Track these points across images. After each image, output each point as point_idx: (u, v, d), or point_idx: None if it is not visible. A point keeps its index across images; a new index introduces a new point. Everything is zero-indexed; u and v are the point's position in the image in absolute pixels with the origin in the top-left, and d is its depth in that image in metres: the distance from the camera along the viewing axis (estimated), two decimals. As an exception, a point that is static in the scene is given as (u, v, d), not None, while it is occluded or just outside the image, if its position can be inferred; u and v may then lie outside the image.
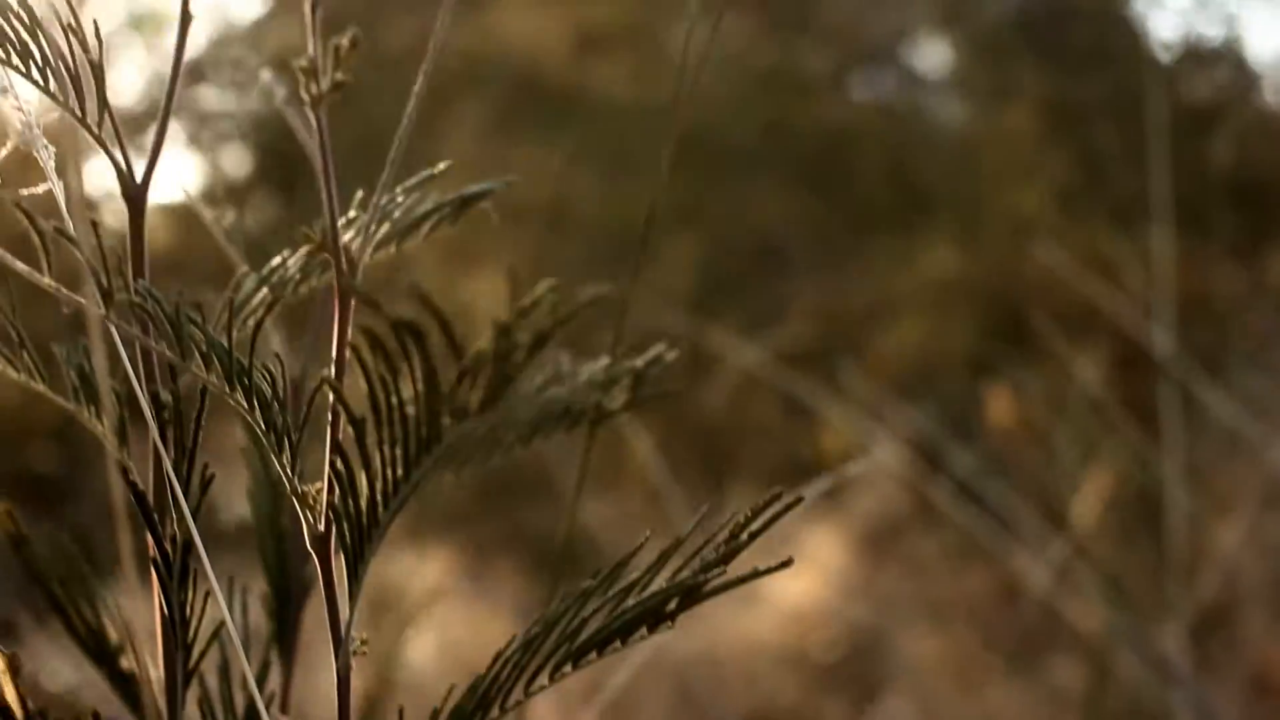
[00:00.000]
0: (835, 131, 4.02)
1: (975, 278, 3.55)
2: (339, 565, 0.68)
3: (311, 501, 0.68)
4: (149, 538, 0.75)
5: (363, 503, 0.65)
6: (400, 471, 0.63)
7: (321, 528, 0.68)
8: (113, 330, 0.72)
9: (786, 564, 0.70)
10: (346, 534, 0.66)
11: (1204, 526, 2.05)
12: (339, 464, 0.65)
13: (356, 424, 0.62)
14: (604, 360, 0.88)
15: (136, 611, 0.83)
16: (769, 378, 2.19)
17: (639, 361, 0.86)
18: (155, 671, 0.80)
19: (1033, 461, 2.41)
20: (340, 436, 0.65)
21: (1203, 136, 2.82)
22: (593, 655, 0.72)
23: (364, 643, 0.70)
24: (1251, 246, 3.04)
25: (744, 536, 0.70)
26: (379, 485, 0.64)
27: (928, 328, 3.67)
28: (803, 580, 3.85)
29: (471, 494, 3.59)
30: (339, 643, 0.69)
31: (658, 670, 3.13)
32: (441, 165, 0.78)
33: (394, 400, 0.61)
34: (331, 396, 0.65)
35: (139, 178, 0.75)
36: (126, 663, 0.89)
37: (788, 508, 0.71)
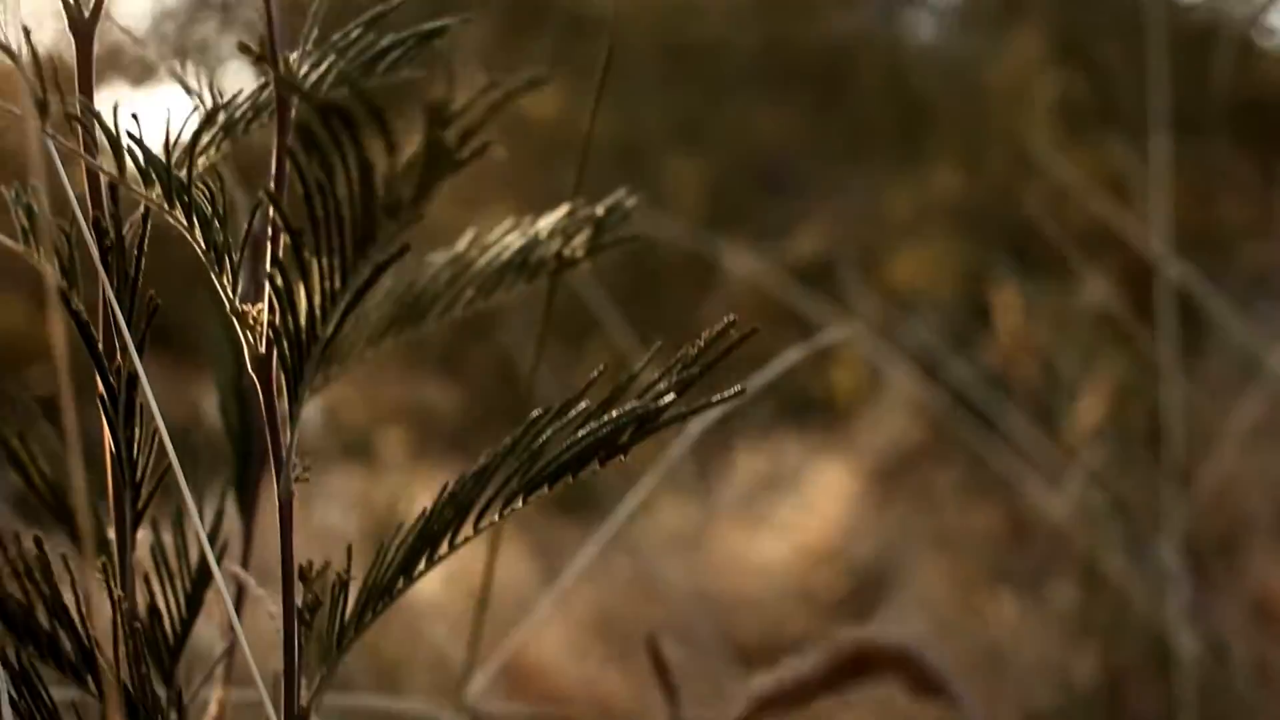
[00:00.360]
0: (840, 52, 3.98)
1: (980, 199, 3.52)
2: (279, 386, 0.66)
3: (252, 322, 0.66)
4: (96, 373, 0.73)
5: (301, 318, 0.63)
6: (338, 281, 0.61)
7: (262, 349, 0.66)
8: (53, 152, 0.70)
9: (740, 393, 0.68)
10: (286, 352, 0.65)
11: (1203, 440, 2.03)
12: (278, 280, 0.63)
13: (294, 234, 0.61)
14: (563, 208, 0.86)
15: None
16: (775, 292, 2.17)
17: (598, 209, 0.85)
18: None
19: (1035, 379, 2.39)
20: (280, 253, 0.64)
21: (1209, 58, 2.78)
22: (544, 489, 0.70)
23: (306, 469, 0.68)
24: (1261, 173, 3.01)
25: (696, 369, 0.68)
26: (317, 299, 0.62)
27: (933, 249, 3.64)
28: (811, 515, 3.83)
29: (478, 417, 3.58)
30: (280, 467, 0.67)
31: (663, 602, 3.12)
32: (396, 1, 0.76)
33: (330, 205, 0.59)
34: (271, 210, 0.63)
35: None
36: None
37: (742, 339, 0.69)
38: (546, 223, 0.85)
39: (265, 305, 0.66)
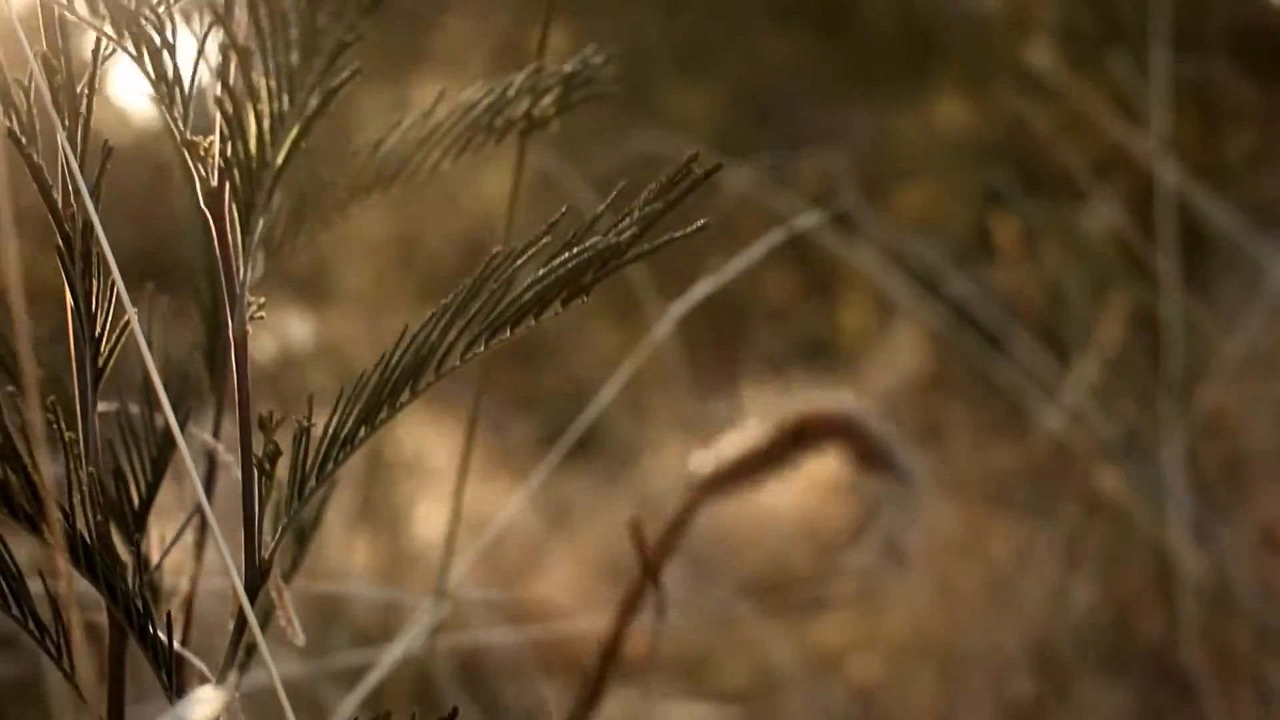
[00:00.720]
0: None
1: (986, 125, 3.50)
2: (232, 219, 0.65)
3: (203, 153, 0.65)
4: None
5: (251, 144, 0.62)
6: (286, 101, 0.60)
7: (215, 182, 0.65)
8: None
9: (704, 226, 0.67)
10: (238, 181, 0.63)
11: (1206, 360, 2.02)
12: (227, 106, 0.62)
13: (241, 53, 0.59)
14: (531, 66, 0.84)
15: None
16: (777, 210, 2.14)
17: (567, 66, 0.83)
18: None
19: (1042, 303, 2.38)
20: (232, 82, 0.62)
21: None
22: (507, 332, 0.69)
23: (261, 306, 0.67)
24: (1265, 102, 2.97)
25: (660, 204, 0.67)
26: (266, 123, 0.61)
27: (939, 177, 3.62)
28: (818, 458, 3.81)
29: (487, 361, 3.56)
30: (234, 303, 0.66)
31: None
32: None
33: (275, 17, 0.57)
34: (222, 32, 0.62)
35: None
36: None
37: (707, 175, 0.67)
38: (516, 81, 0.84)
39: (216, 137, 0.64)
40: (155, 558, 0.85)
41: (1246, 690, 2.06)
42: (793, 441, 0.42)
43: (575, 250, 0.66)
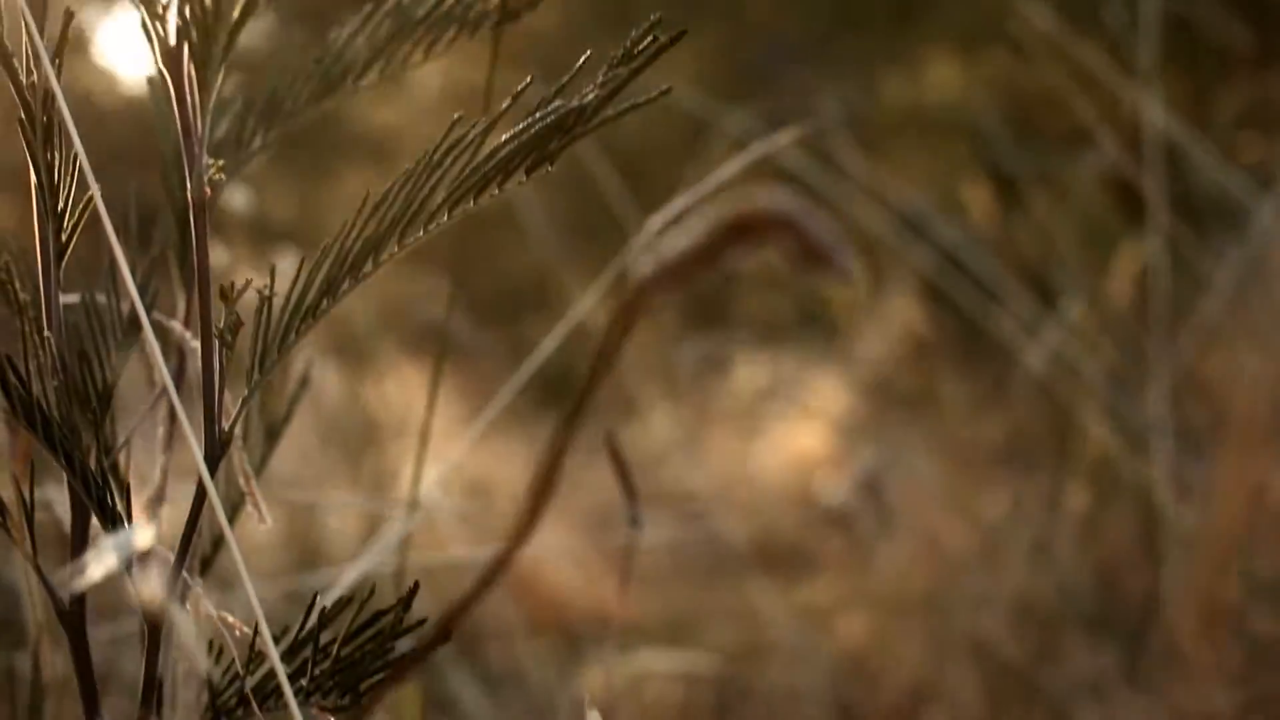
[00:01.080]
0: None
1: (978, 83, 3.49)
2: (190, 80, 0.64)
3: (160, 10, 0.64)
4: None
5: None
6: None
7: (173, 41, 0.64)
8: None
9: (667, 92, 0.66)
10: (193, 37, 0.62)
11: (1191, 300, 2.01)
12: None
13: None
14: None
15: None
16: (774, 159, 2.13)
17: (542, -51, 0.82)
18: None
19: (1032, 255, 2.37)
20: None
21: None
22: (470, 202, 0.68)
23: (220, 169, 0.66)
24: (1259, 52, 2.95)
25: (624, 71, 0.66)
26: (222, -28, 0.60)
27: (930, 136, 3.61)
28: (809, 426, 3.82)
29: (478, 315, 3.56)
30: (193, 162, 0.65)
31: (658, 507, 3.12)
32: None
33: None
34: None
35: None
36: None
37: (673, 41, 0.67)
38: (489, -31, 0.83)
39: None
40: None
41: (1232, 646, 2.06)
42: (733, 237, 0.42)
43: (539, 114, 0.65)
